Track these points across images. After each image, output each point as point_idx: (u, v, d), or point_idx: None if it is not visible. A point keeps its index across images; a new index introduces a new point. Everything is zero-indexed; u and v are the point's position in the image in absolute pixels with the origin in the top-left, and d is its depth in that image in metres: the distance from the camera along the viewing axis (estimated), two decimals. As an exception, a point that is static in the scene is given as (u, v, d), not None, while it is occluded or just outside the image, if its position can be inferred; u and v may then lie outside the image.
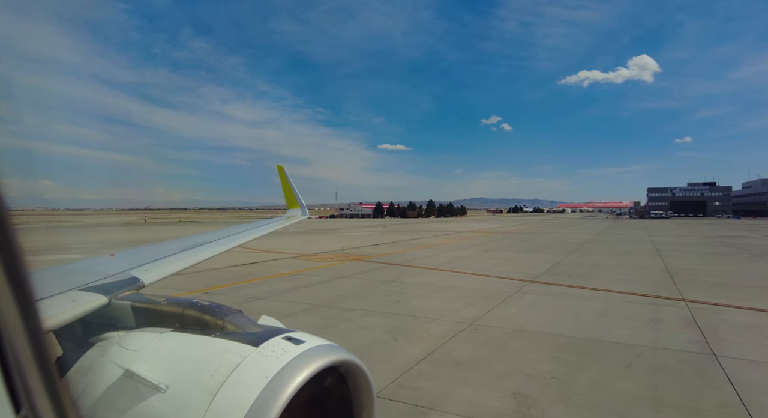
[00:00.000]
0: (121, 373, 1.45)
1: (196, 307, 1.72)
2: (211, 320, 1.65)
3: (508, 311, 8.94)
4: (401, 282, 12.54)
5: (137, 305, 1.82)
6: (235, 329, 1.60)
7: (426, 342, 6.87)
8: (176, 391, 1.36)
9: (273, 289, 11.62)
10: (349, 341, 6.96)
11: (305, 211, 7.05)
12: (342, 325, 7.95)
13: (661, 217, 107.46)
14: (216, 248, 3.35)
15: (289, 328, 1.66)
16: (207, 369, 1.38)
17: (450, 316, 8.52)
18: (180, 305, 1.74)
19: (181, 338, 1.60)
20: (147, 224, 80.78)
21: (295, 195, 7.28)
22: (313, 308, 9.37)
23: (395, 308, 9.19)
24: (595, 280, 12.84)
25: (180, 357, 1.50)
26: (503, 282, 12.52)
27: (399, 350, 6.49)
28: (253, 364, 1.37)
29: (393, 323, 7.99)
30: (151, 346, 1.56)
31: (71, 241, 33.61)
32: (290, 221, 6.13)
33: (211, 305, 1.74)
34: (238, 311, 1.74)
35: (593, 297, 10.32)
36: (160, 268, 2.53)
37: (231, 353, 1.42)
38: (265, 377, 1.30)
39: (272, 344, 1.45)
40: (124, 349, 1.58)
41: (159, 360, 1.49)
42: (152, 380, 1.38)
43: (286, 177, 7.44)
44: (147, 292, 2.16)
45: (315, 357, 1.39)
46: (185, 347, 1.55)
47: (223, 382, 1.33)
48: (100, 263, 2.77)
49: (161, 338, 1.60)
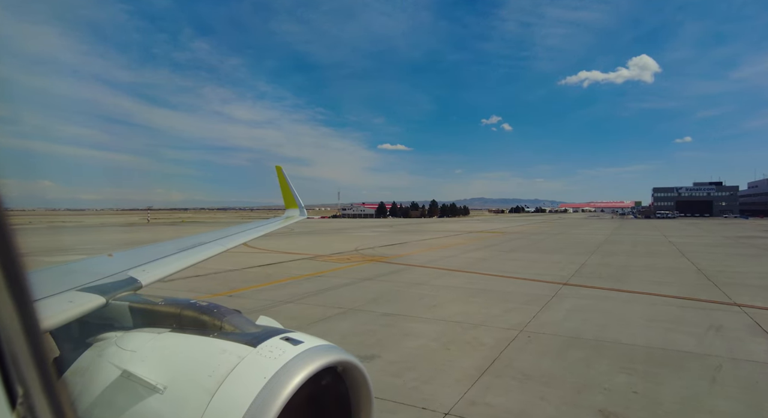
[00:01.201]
0: (119, 373, 1.43)
1: (194, 307, 1.70)
2: (209, 320, 1.63)
3: (554, 316, 8.48)
4: (430, 285, 12.08)
5: (135, 306, 1.81)
6: (233, 330, 1.58)
7: (481, 351, 6.42)
8: (174, 391, 1.35)
9: (298, 291, 11.18)
10: (398, 349, 6.51)
11: (303, 211, 6.99)
12: (383, 331, 7.50)
13: (668, 217, 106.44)
14: (214, 249, 3.33)
15: (287, 328, 1.64)
16: (205, 370, 1.37)
17: (495, 322, 8.06)
18: (178, 306, 1.73)
19: (179, 338, 1.59)
20: (150, 224, 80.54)
21: (293, 195, 7.19)
22: (346, 312, 8.92)
23: (433, 313, 8.74)
24: (629, 282, 12.35)
25: (178, 358, 1.49)
26: (536, 285, 12.06)
27: (455, 360, 6.04)
28: (251, 364, 1.36)
29: (437, 330, 7.54)
30: (149, 346, 1.55)
31: (76, 241, 33.26)
32: (289, 222, 6.09)
33: (209, 305, 1.71)
34: (236, 312, 1.72)
35: (635, 300, 9.86)
36: (158, 268, 2.51)
37: (229, 354, 1.41)
38: (264, 377, 1.29)
39: (270, 345, 1.44)
40: (122, 349, 1.56)
41: (157, 361, 1.48)
42: (150, 380, 1.36)
43: (285, 177, 7.34)
44: (145, 292, 2.12)
45: (313, 357, 1.38)
46: (183, 347, 1.54)
47: (221, 382, 1.32)
48: (98, 264, 2.75)
49: (159, 339, 1.59)
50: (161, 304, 1.79)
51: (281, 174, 7.40)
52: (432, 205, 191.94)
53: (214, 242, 3.57)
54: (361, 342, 6.88)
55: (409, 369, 5.72)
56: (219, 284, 12.38)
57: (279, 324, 1.84)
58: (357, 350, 6.47)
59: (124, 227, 63.33)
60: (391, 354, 6.30)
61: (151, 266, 2.53)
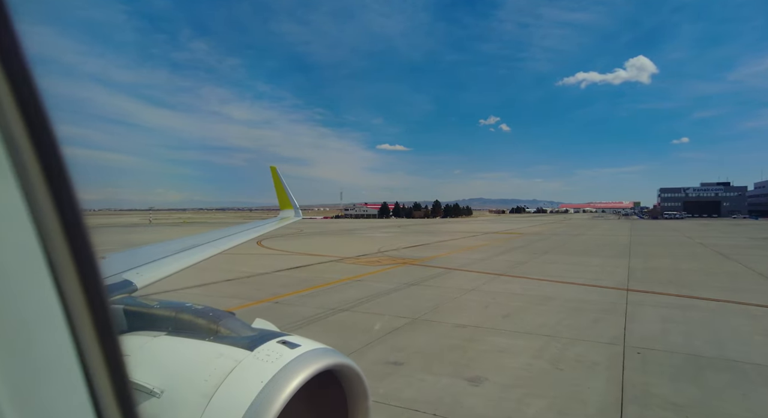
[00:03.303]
0: None
1: (190, 310, 1.67)
2: (204, 324, 1.59)
3: (648, 328, 7.67)
4: (483, 291, 11.27)
5: (130, 309, 1.77)
6: (228, 333, 1.55)
7: (598, 372, 5.60)
8: (171, 395, 1.32)
9: (346, 298, 10.36)
10: (502, 369, 5.69)
11: (299, 212, 6.89)
12: (472, 348, 6.68)
13: (676, 217, 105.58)
14: (210, 250, 3.26)
15: (284, 331, 1.61)
16: (201, 373, 1.35)
17: (587, 335, 7.25)
18: (173, 309, 1.70)
19: (175, 342, 1.56)
20: (152, 224, 79.70)
21: (288, 196, 7.06)
22: (412, 323, 8.10)
23: (512, 325, 7.92)
24: (696, 288, 11.52)
25: (174, 361, 1.47)
26: (597, 291, 11.25)
27: (578, 384, 5.22)
28: (248, 368, 1.34)
29: (531, 345, 6.72)
30: (144, 350, 1.53)
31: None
32: (284, 223, 5.99)
33: (204, 308, 1.68)
34: (231, 315, 1.67)
35: (725, 310, 9.05)
36: (153, 270, 2.45)
37: (225, 358, 1.40)
38: (261, 381, 1.28)
39: (267, 348, 1.42)
40: None
41: (153, 364, 1.44)
42: (146, 384, 1.33)
43: (279, 178, 7.21)
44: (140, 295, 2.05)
45: (310, 361, 1.36)
46: (179, 351, 1.52)
47: (218, 386, 1.30)
48: None
49: (155, 342, 1.56)
50: (156, 307, 1.74)
51: (276, 175, 7.23)
52: (435, 205, 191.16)
53: (209, 244, 3.50)
54: (456, 361, 6.06)
55: (533, 396, 4.91)
56: (257, 290, 11.56)
57: (275, 327, 1.76)
58: (458, 371, 5.66)
59: (127, 228, 62.32)
60: (499, 376, 5.49)
61: (146, 268, 2.47)
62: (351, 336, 7.34)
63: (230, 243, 3.73)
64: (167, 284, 12.23)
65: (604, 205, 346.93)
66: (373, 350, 6.56)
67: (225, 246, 3.57)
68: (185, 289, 11.59)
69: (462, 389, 5.14)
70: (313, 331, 7.64)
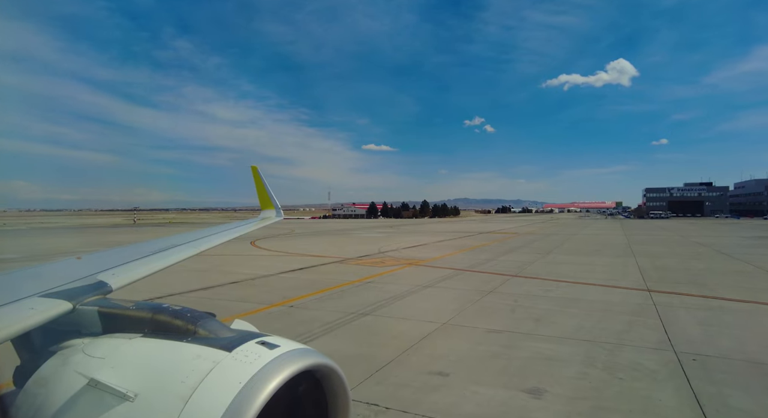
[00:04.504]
0: (86, 382, 1.35)
1: (167, 311, 1.63)
2: (182, 325, 1.55)
3: (689, 332, 7.35)
4: (502, 293, 10.87)
5: (104, 311, 1.72)
6: (207, 335, 1.51)
7: (665, 382, 5.20)
8: (145, 399, 1.28)
9: (362, 301, 9.85)
10: (559, 380, 5.25)
11: (280, 212, 6.83)
12: (515, 355, 6.23)
13: (661, 217, 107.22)
14: (188, 251, 3.18)
15: (263, 332, 1.57)
16: (178, 375, 1.32)
17: (630, 339, 6.89)
18: (150, 310, 1.65)
19: (151, 343, 1.53)
20: (137, 225, 77.76)
21: (269, 196, 6.98)
22: (442, 328, 7.64)
23: (548, 330, 7.52)
24: (717, 289, 11.31)
25: (149, 364, 1.43)
26: (618, 292, 10.95)
27: (650, 397, 4.78)
28: (226, 369, 1.31)
29: (577, 352, 6.32)
30: (119, 353, 1.49)
31: (72, 244, 31.25)
32: (265, 223, 5.94)
33: (182, 309, 1.65)
34: (211, 316, 1.64)
35: (759, 312, 8.81)
36: (128, 271, 2.38)
37: (203, 359, 1.36)
38: (239, 382, 1.24)
39: (246, 349, 1.39)
40: (89, 357, 1.49)
41: (127, 367, 1.41)
42: (119, 388, 1.29)
43: (261, 178, 7.12)
44: (115, 296, 1.97)
45: (290, 361, 1.34)
46: (155, 353, 1.48)
47: (195, 388, 1.26)
48: (65, 267, 2.63)
49: (129, 344, 1.52)
50: (132, 308, 1.69)
51: (257, 174, 7.14)
52: (424, 205, 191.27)
53: (188, 244, 3.40)
54: (504, 370, 5.61)
55: (606, 410, 4.48)
56: (266, 293, 10.95)
57: (255, 328, 1.72)
58: (511, 381, 5.21)
59: (111, 229, 60.64)
60: (557, 387, 5.06)
61: (122, 269, 2.40)
62: (383, 343, 6.84)
63: (209, 243, 3.63)
64: (166, 289, 11.50)
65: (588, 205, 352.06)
66: (412, 359, 6.08)
67: (204, 247, 3.46)
68: (189, 293, 10.95)
69: (524, 402, 4.69)
70: (341, 338, 7.12)
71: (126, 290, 2.19)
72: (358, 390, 4.97)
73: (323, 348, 6.77)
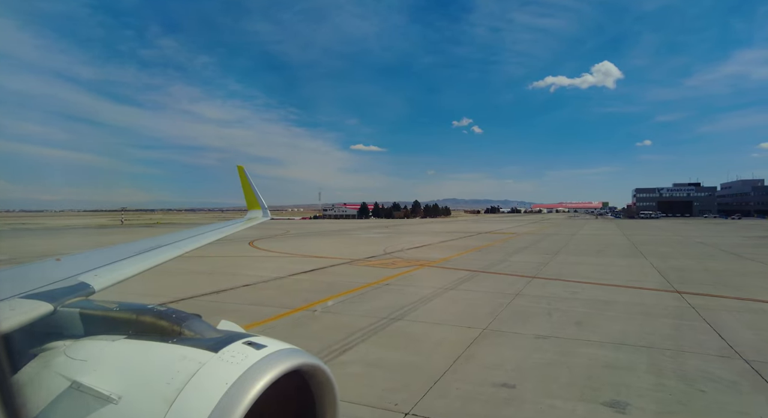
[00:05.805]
0: (68, 385, 1.33)
1: (152, 312, 1.59)
2: (167, 326, 1.51)
3: (748, 337, 7.03)
4: (529, 295, 10.50)
5: (86, 312, 1.67)
6: (193, 335, 1.48)
7: (753, 395, 4.85)
8: (129, 401, 1.25)
9: (387, 304, 9.39)
10: (638, 393, 4.86)
11: (267, 212, 6.74)
12: (575, 363, 5.84)
13: (652, 217, 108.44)
14: (172, 252, 3.12)
15: (250, 333, 1.53)
16: (163, 377, 1.28)
17: (688, 345, 6.54)
18: (134, 311, 1.61)
19: (135, 345, 1.49)
20: (124, 225, 76.15)
21: (256, 196, 6.93)
22: (487, 334, 7.23)
23: (594, 334, 7.15)
24: (747, 290, 11.09)
25: (133, 365, 1.39)
26: (648, 294, 10.66)
27: (747, 413, 4.43)
28: (212, 370, 1.28)
29: (638, 359, 5.94)
30: (102, 354, 1.45)
31: (64, 245, 30.27)
32: (251, 223, 5.88)
33: (167, 310, 1.60)
34: (197, 316, 1.60)
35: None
36: (111, 272, 2.33)
37: (189, 360, 1.33)
38: (225, 383, 1.21)
39: (232, 350, 1.35)
40: (71, 359, 1.45)
41: (110, 369, 1.37)
42: (102, 390, 1.26)
43: (247, 178, 7.08)
44: (98, 298, 1.91)
45: (277, 361, 1.31)
46: (139, 354, 1.44)
47: (180, 390, 1.23)
48: (45, 268, 2.61)
49: (113, 346, 1.48)
50: (116, 310, 1.65)
51: (243, 174, 7.10)
52: (415, 205, 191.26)
53: (172, 245, 3.34)
54: (572, 381, 5.20)
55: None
56: (286, 296, 10.43)
57: (241, 328, 1.70)
58: (585, 394, 4.80)
59: (98, 229, 59.27)
60: (639, 400, 4.66)
61: (104, 270, 2.33)
62: (429, 351, 6.40)
63: (195, 244, 3.58)
64: (176, 292, 10.87)
65: (575, 205, 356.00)
66: (467, 369, 5.64)
67: (189, 247, 3.41)
68: (200, 296, 10.38)
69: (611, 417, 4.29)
70: (382, 345, 6.65)
71: (113, 290, 2.11)
72: (422, 405, 4.52)
73: (370, 357, 6.39)
